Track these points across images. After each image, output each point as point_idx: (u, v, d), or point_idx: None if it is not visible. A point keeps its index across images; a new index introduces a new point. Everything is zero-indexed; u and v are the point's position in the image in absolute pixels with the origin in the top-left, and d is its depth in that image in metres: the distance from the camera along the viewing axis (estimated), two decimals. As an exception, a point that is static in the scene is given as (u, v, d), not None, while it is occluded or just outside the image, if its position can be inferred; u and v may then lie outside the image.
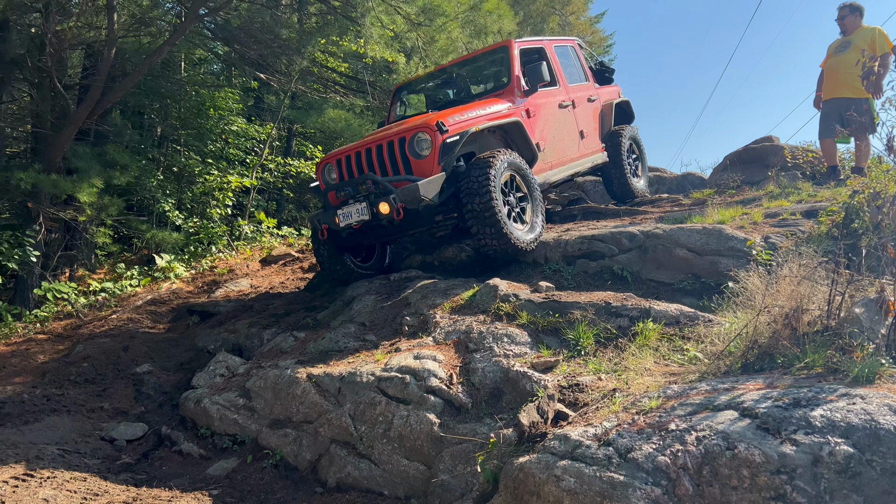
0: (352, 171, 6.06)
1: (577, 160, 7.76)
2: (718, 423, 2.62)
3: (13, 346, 7.01)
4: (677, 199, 8.66)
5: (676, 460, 2.53)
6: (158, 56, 8.50)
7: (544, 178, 6.99)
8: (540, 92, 7.03)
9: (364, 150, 5.99)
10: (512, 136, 6.55)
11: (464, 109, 6.13)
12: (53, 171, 8.02)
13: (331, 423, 4.38)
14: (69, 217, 8.41)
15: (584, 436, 2.90)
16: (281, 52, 10.18)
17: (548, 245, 6.10)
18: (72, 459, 4.64)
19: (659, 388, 3.28)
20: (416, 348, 4.74)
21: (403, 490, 3.92)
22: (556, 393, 3.68)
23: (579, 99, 7.94)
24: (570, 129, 7.65)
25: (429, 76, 8.12)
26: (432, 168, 5.63)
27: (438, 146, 5.60)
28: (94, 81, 8.13)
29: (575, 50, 8.49)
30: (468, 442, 3.75)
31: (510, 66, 7.01)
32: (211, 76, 13.74)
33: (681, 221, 6.08)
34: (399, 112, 8.06)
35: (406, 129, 5.83)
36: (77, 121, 8.14)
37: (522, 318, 4.77)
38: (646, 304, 4.62)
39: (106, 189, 8.56)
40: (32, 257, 7.98)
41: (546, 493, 2.74)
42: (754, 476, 2.36)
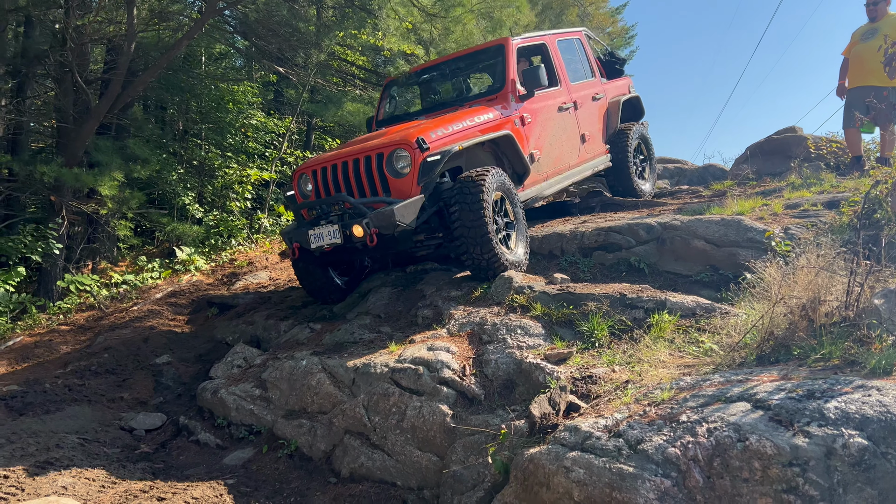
0: (327, 184, 5.61)
1: (576, 167, 7.26)
2: (730, 414, 2.58)
3: (37, 336, 7.13)
4: (697, 190, 8.58)
5: (687, 452, 2.50)
6: (177, 50, 8.57)
7: (537, 191, 6.52)
8: (538, 96, 6.57)
9: (341, 162, 5.52)
10: (503, 148, 6.10)
11: (449, 120, 5.68)
12: (75, 164, 8.13)
13: (345, 414, 4.40)
14: (91, 210, 8.52)
15: (594, 427, 2.88)
16: (299, 45, 10.20)
17: (564, 237, 6.06)
18: (91, 448, 4.70)
19: (672, 380, 3.24)
20: (430, 340, 4.73)
21: (416, 481, 3.93)
22: (569, 384, 3.65)
23: (583, 98, 7.44)
24: (571, 134, 7.14)
25: (421, 72, 7.63)
26: (411, 188, 5.22)
27: (418, 165, 5.19)
28: (114, 76, 8.22)
29: (581, 42, 7.96)
30: (480, 433, 3.75)
31: (505, 68, 6.46)
32: (232, 70, 13.81)
33: (699, 213, 6.00)
34: (388, 110, 7.57)
35: (384, 143, 5.39)
36: (98, 115, 8.24)
37: (537, 309, 4.75)
38: (661, 296, 4.57)
39: (127, 182, 8.66)
40: (56, 250, 8.11)
41: (555, 484, 2.73)
42: (766, 468, 2.33)
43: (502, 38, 6.83)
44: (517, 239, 5.67)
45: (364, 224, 5.03)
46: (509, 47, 6.58)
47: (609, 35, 23.14)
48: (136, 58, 8.97)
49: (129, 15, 7.87)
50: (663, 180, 10.67)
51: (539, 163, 6.49)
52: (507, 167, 6.16)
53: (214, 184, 11.53)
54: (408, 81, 7.73)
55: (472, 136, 5.63)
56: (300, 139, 14.81)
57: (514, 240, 5.64)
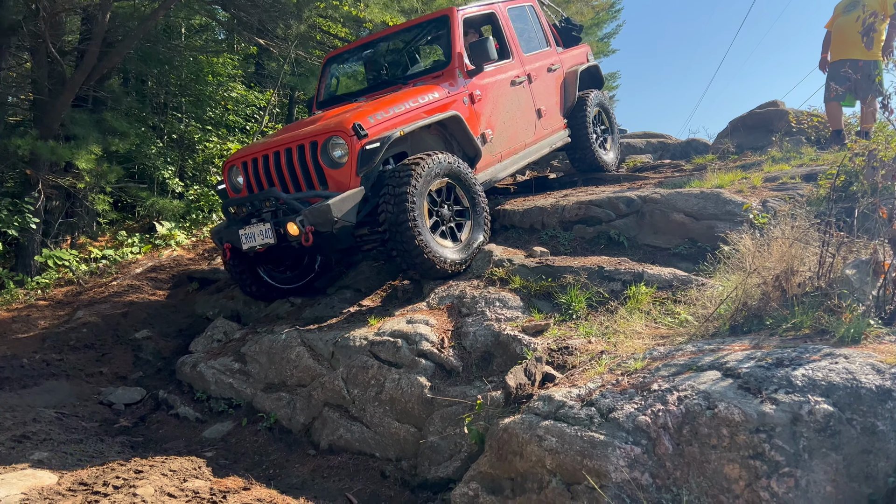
0: (259, 177, 5.16)
1: (533, 145, 6.78)
2: (700, 382, 2.61)
3: (14, 312, 7.06)
4: (679, 164, 8.58)
5: (657, 420, 2.53)
6: (154, 20, 8.41)
7: (491, 173, 6.10)
8: (488, 70, 6.09)
9: (272, 152, 5.07)
10: (451, 129, 5.66)
11: (391, 102, 5.24)
12: (51, 137, 8.00)
13: (324, 387, 4.40)
14: (68, 184, 8.41)
15: (567, 396, 2.90)
16: (280, 16, 10.04)
17: (545, 211, 6.05)
18: (69, 423, 4.69)
19: (646, 350, 3.27)
20: (410, 313, 4.74)
21: (394, 452, 3.95)
22: (545, 356, 3.67)
23: (537, 71, 6.93)
24: (526, 110, 6.64)
25: (361, 46, 7.07)
26: (350, 179, 4.79)
27: (356, 154, 4.75)
28: (89, 46, 8.06)
29: (534, 10, 7.41)
30: (458, 404, 3.77)
31: (450, 41, 5.95)
32: (212, 43, 13.59)
33: (680, 186, 6.01)
34: (329, 89, 6.96)
35: (318, 130, 4.92)
36: (74, 87, 8.09)
37: (515, 282, 4.75)
38: (639, 268, 4.59)
39: (105, 156, 8.53)
40: (32, 224, 8.00)
41: (528, 452, 2.75)
42: (733, 435, 2.35)
43: (446, 9, 6.28)
44: (472, 228, 5.29)
45: (298, 222, 4.61)
46: (454, 18, 6.07)
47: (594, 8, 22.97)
48: (112, 28, 8.80)
49: (104, -16, 7.70)
50: (646, 155, 10.66)
51: (492, 143, 6.07)
52: (457, 150, 5.77)
53: (195, 158, 11.40)
54: (349, 57, 7.21)
55: (416, 119, 5.19)
56: (282, 113, 14.65)
57: (467, 230, 5.27)
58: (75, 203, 9.37)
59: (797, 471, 2.22)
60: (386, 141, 4.84)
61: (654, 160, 9.99)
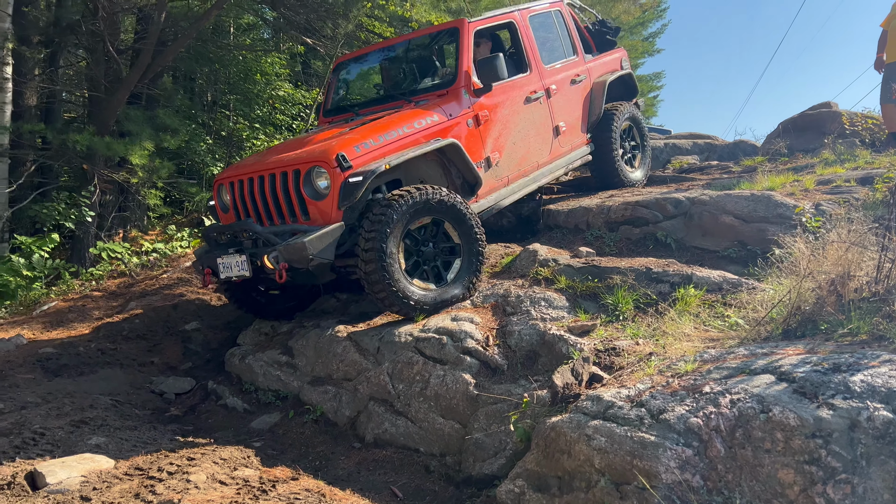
0: (244, 200, 4.98)
1: (547, 165, 6.29)
2: (754, 386, 2.58)
3: (70, 301, 7.30)
4: (727, 166, 8.45)
5: (709, 422, 2.51)
6: (206, 20, 8.60)
7: (495, 199, 5.68)
8: (498, 88, 5.67)
9: (257, 177, 4.87)
10: (450, 156, 5.30)
11: (382, 128, 4.92)
12: (107, 133, 8.24)
13: (369, 381, 4.46)
14: (122, 179, 8.65)
15: (616, 397, 2.89)
16: (327, 15, 10.17)
17: (590, 211, 6.04)
18: (124, 409, 4.84)
19: (696, 353, 3.24)
20: (454, 310, 4.77)
21: (439, 447, 3.99)
22: (592, 356, 3.67)
23: (559, 83, 6.47)
24: (541, 128, 6.18)
25: (371, 54, 6.69)
26: (332, 211, 4.53)
27: (339, 186, 4.48)
28: (144, 45, 8.27)
29: (562, 15, 6.94)
30: (503, 402, 3.79)
31: (458, 56, 5.56)
32: (260, 42, 13.83)
33: (729, 188, 5.94)
34: (339, 95, 6.64)
35: (302, 158, 4.70)
36: (129, 84, 8.32)
37: (561, 282, 4.75)
38: (688, 271, 4.55)
39: (157, 152, 8.75)
40: (88, 217, 8.26)
41: (577, 451, 2.75)
42: (788, 439, 2.33)
43: (458, 20, 5.87)
44: (462, 268, 4.89)
45: (272, 258, 4.41)
46: (464, 31, 5.63)
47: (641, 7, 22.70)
48: (166, 28, 9.01)
49: (160, -16, 7.91)
50: (693, 156, 10.52)
51: (498, 167, 5.68)
52: (456, 176, 5.43)
53: (242, 155, 11.61)
54: (358, 64, 6.82)
55: (407, 148, 4.88)
56: (327, 111, 14.80)
57: (455, 269, 4.90)
58: (128, 197, 9.64)
59: (854, 477, 2.19)
60: (369, 175, 4.51)
61: (701, 161, 9.86)
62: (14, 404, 4.55)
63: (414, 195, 4.55)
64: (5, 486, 3.31)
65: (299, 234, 4.45)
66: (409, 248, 4.70)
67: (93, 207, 8.38)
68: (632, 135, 7.45)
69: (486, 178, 5.54)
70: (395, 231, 4.45)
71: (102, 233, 8.89)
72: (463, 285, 4.85)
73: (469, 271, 4.88)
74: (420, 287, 4.69)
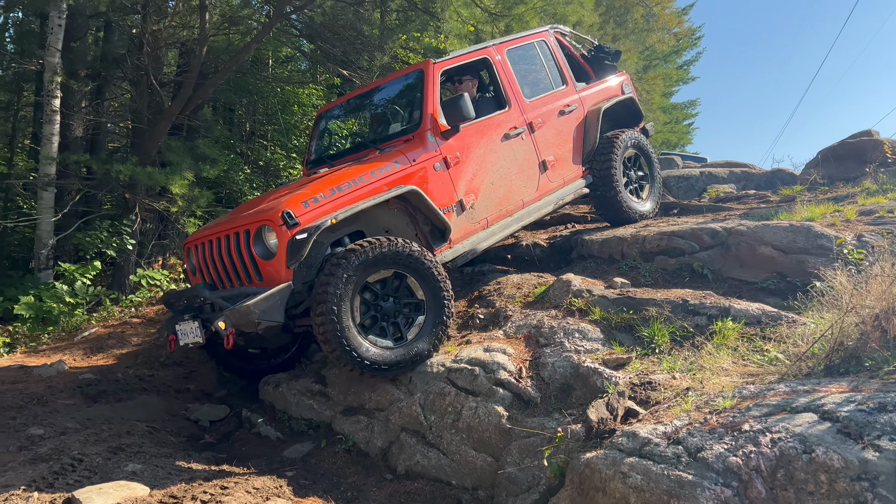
0: (206, 262, 4.93)
1: (534, 202, 5.98)
2: (795, 425, 2.51)
3: (110, 328, 7.45)
4: (765, 195, 8.32)
5: (749, 462, 2.44)
6: (246, 53, 8.84)
7: (471, 244, 5.39)
8: (470, 128, 5.45)
9: (215, 239, 4.81)
10: (414, 203, 5.05)
11: (335, 181, 4.74)
12: (149, 164, 8.48)
13: (401, 412, 4.45)
14: (162, 208, 8.87)
15: (653, 433, 2.84)
16: (363, 48, 10.39)
17: (625, 241, 5.98)
18: (159, 436, 4.89)
19: (734, 389, 3.17)
20: (487, 341, 4.75)
21: (471, 481, 3.95)
22: (627, 390, 3.61)
23: (545, 116, 6.15)
24: (524, 164, 5.89)
25: (347, 103, 6.57)
26: (281, 271, 4.37)
27: (286, 245, 4.31)
28: (186, 78, 8.54)
29: (547, 45, 6.62)
30: (536, 436, 3.74)
31: (423, 99, 5.36)
32: (297, 73, 14.14)
33: (767, 218, 5.84)
34: (322, 146, 6.56)
35: (251, 218, 4.57)
36: (171, 116, 8.57)
37: (595, 314, 4.70)
38: (725, 303, 4.47)
39: (196, 181, 8.97)
40: (129, 245, 8.48)
41: (612, 489, 2.70)
42: (832, 482, 2.25)
43: (423, 62, 5.65)
44: (426, 323, 4.63)
45: (217, 324, 4.30)
46: (429, 73, 5.44)
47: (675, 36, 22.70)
48: (206, 61, 9.29)
49: (202, 20, 8.16)
50: (729, 184, 10.38)
51: (473, 210, 5.41)
52: (424, 224, 5.18)
53: (278, 184, 11.82)
54: (338, 113, 6.71)
55: (364, 198, 4.70)
56: (362, 141, 15.01)
57: (418, 325, 4.64)
58: (167, 225, 9.87)
59: (903, 523, 2.10)
60: (314, 231, 4.33)
61: (738, 190, 9.73)
62: (54, 430, 4.64)
63: (366, 248, 4.36)
64: (44, 512, 3.36)
65: (247, 297, 4.25)
66: (369, 302, 4.51)
67: (134, 235, 8.60)
68: (639, 163, 7.04)
69: (460, 222, 5.31)
70: (346, 287, 4.26)
71: (142, 260, 9.10)
72: (429, 341, 4.59)
73: (435, 325, 4.63)
74: (377, 345, 4.44)
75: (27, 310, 7.23)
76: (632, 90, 7.32)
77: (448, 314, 4.69)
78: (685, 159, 14.21)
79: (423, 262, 4.59)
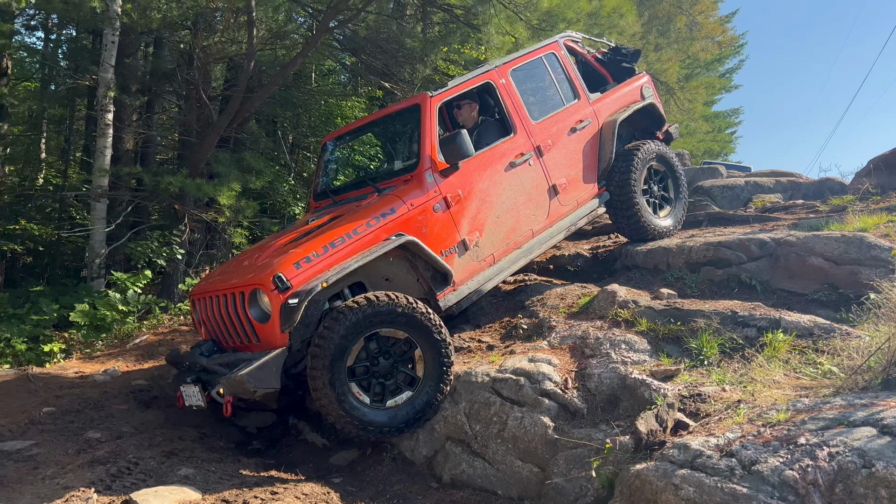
0: (207, 318, 4.87)
1: (545, 230, 5.65)
2: (854, 439, 2.46)
3: (160, 335, 7.64)
4: (813, 205, 8.15)
5: (806, 476, 2.41)
6: (292, 67, 9.03)
7: (477, 283, 5.17)
8: (472, 161, 5.16)
9: (214, 297, 4.72)
10: (412, 251, 4.82)
11: (329, 236, 4.55)
12: (197, 175, 8.71)
13: (446, 421, 4.47)
14: (210, 218, 9.09)
15: (705, 445, 2.81)
16: (405, 60, 10.52)
17: (670, 251, 5.93)
18: (209, 442, 5.00)
19: (788, 402, 3.12)
20: (531, 351, 4.75)
21: (517, 491, 3.95)
22: (676, 402, 3.58)
23: (555, 136, 5.81)
24: (533, 191, 5.58)
25: (353, 131, 6.27)
26: (276, 334, 4.23)
27: (279, 310, 4.19)
28: (234, 92, 8.76)
29: (557, 58, 6.18)
30: (583, 447, 3.73)
31: (421, 137, 5.06)
32: (339, 86, 14.36)
33: (817, 228, 5.73)
34: (328, 176, 6.33)
35: (245, 280, 4.46)
36: (219, 129, 8.79)
37: (642, 325, 4.67)
38: (776, 315, 4.39)
39: (242, 192, 9.18)
40: (178, 255, 8.70)
41: (663, 501, 2.68)
42: (893, 497, 2.21)
43: (419, 96, 5.28)
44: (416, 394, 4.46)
45: (215, 392, 4.23)
46: (426, 109, 5.11)
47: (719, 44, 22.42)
48: (253, 75, 9.51)
49: (250, 35, 8.36)
50: (775, 194, 10.19)
51: (479, 248, 5.18)
52: (424, 269, 4.94)
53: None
54: (344, 142, 6.37)
55: (359, 251, 4.54)
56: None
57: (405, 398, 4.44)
58: (215, 235, 10.09)
59: (970, 542, 2.05)
60: (305, 296, 4.17)
61: (785, 200, 9.55)
62: (110, 434, 4.78)
63: (354, 312, 4.18)
64: (103, 513, 3.47)
65: (243, 365, 4.15)
66: (371, 353, 4.39)
67: (182, 245, 8.82)
68: (661, 175, 6.57)
69: (463, 262, 5.09)
70: (337, 352, 4.15)
71: (191, 269, 9.32)
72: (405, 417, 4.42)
73: (425, 394, 4.46)
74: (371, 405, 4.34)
75: (82, 317, 7.46)
76: (653, 93, 6.84)
77: (446, 374, 4.47)
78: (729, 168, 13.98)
79: (420, 320, 4.39)
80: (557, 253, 7.15)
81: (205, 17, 9.23)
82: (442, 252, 4.94)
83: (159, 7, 8.55)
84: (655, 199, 6.54)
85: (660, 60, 15.50)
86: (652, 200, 6.49)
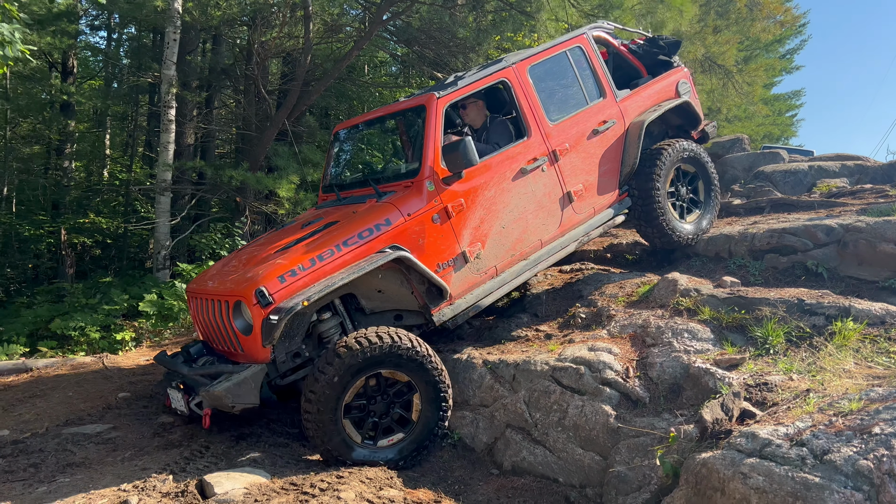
0: (199, 316, 4.81)
1: (555, 240, 5.28)
2: (932, 429, 2.40)
3: (224, 324, 7.89)
4: (883, 189, 7.85)
5: (881, 465, 2.36)
6: (347, 60, 9.15)
7: (476, 296, 4.88)
8: (479, 166, 4.79)
9: (203, 299, 4.65)
10: (405, 264, 4.54)
11: (319, 247, 4.35)
12: (257, 169, 8.93)
13: (506, 409, 4.51)
14: (270, 210, 9.31)
15: (774, 434, 2.78)
16: (458, 50, 10.53)
17: (732, 238, 5.82)
18: (276, 427, 5.15)
19: (860, 391, 3.05)
20: (591, 340, 4.74)
21: (578, 478, 3.96)
22: (742, 391, 3.53)
23: (574, 139, 5.36)
24: (544, 199, 5.19)
25: (365, 123, 5.87)
26: (258, 348, 4.12)
27: (260, 324, 4.06)
28: (291, 86, 8.93)
29: (584, 52, 5.66)
30: (646, 435, 3.72)
31: (424, 141, 4.74)
32: (390, 77, 14.47)
33: (887, 214, 5.54)
34: (336, 168, 6.05)
35: (230, 289, 4.35)
36: (277, 123, 8.99)
37: (704, 313, 4.61)
38: (845, 302, 4.28)
39: (300, 185, 9.37)
40: (240, 246, 8.94)
41: (731, 489, 2.67)
42: (977, 489, 2.15)
43: (426, 96, 4.88)
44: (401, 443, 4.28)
45: (195, 405, 4.25)
46: (431, 111, 4.76)
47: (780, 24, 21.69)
48: (309, 69, 9.67)
49: (306, 30, 8.51)
50: (841, 178, 9.85)
51: (479, 259, 4.87)
52: (419, 283, 4.69)
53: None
54: (353, 133, 6.18)
55: (349, 264, 4.34)
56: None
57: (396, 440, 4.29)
58: (274, 227, 10.35)
59: None
60: (285, 314, 3.99)
61: (851, 185, 9.22)
62: (182, 418, 4.97)
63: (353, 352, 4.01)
64: (180, 493, 3.63)
65: (223, 377, 4.11)
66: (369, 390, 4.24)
67: (244, 237, 9.06)
68: (691, 177, 6.06)
69: (462, 275, 4.82)
70: (337, 390, 4.02)
71: (251, 260, 9.58)
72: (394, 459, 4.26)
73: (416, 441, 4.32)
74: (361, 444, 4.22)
75: (150, 307, 7.76)
76: (689, 89, 6.31)
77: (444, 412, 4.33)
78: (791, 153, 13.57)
79: (414, 355, 4.19)
80: (615, 241, 7.08)
81: (262, 12, 9.42)
82: (438, 265, 4.69)
83: (219, 4, 8.77)
84: (683, 203, 6.03)
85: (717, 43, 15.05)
86: (679, 204, 5.99)
